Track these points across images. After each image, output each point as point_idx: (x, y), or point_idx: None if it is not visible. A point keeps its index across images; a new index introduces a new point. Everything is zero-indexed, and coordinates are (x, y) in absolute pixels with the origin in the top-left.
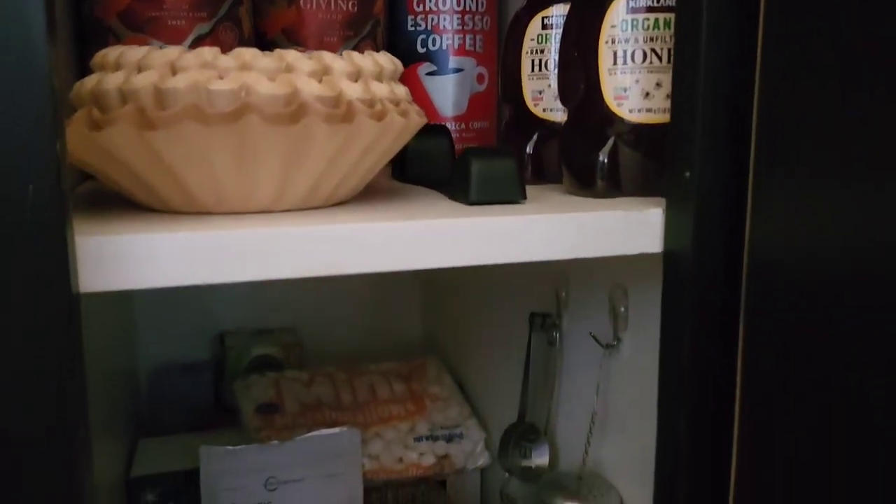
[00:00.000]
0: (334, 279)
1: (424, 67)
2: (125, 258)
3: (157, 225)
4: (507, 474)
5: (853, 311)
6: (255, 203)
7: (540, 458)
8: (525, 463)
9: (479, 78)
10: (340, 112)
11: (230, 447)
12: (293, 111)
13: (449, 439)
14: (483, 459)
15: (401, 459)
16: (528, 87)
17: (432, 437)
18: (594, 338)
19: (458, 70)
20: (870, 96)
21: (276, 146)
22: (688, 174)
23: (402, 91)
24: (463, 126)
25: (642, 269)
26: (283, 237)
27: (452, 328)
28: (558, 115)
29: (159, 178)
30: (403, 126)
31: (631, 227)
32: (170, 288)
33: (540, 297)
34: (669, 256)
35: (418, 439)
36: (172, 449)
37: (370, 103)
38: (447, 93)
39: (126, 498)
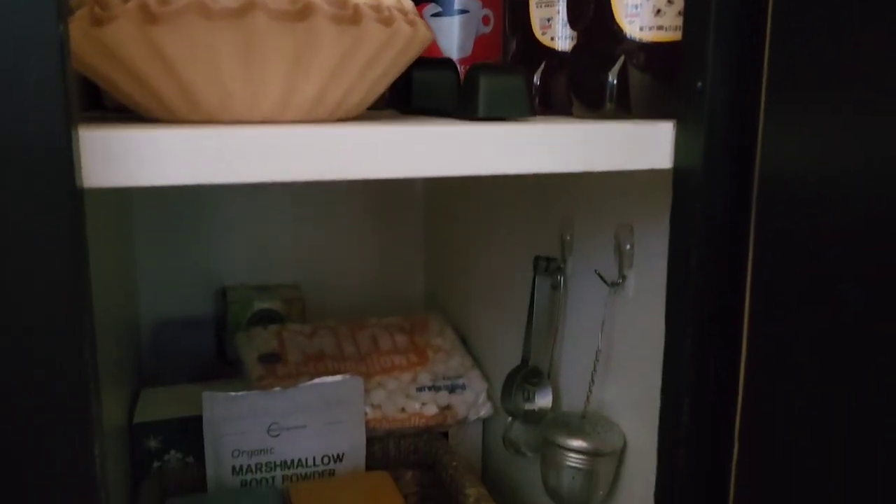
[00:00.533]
0: (338, 236)
1: (429, 9)
2: (129, 154)
3: (162, 127)
4: (509, 419)
5: (865, 233)
6: (260, 111)
7: (543, 401)
8: (528, 406)
9: (485, 20)
10: (347, 14)
11: (233, 393)
12: (300, 9)
13: (451, 390)
14: (485, 410)
15: (403, 409)
16: (536, 14)
17: (435, 388)
18: (599, 276)
19: (463, 11)
20: (888, 12)
21: (282, 46)
22: (700, 84)
23: (409, 4)
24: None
25: (649, 204)
26: (288, 137)
27: (455, 284)
28: (566, 43)
29: (162, 80)
30: (410, 36)
31: (640, 141)
32: (172, 239)
33: (544, 242)
34: (679, 173)
35: (421, 389)
36: (175, 398)
37: (377, 9)
38: (452, 34)
39: (129, 445)
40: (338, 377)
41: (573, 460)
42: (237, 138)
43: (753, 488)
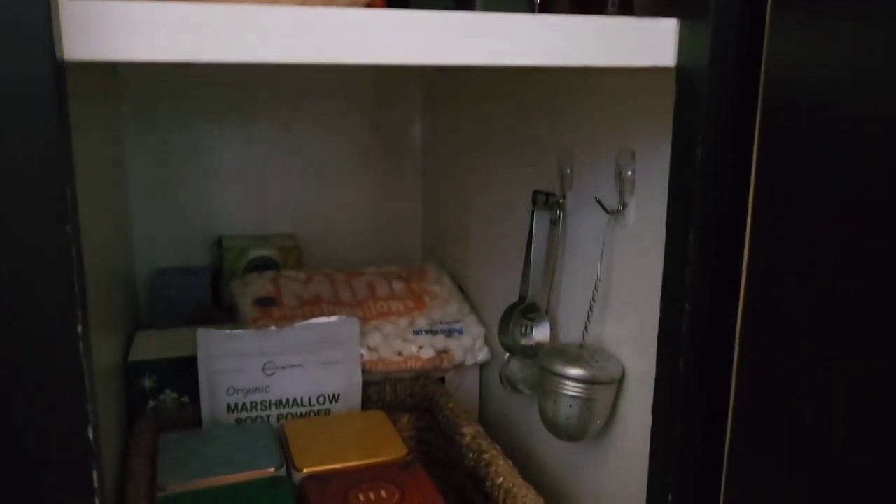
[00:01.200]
0: (335, 186)
1: None
2: (114, 26)
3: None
4: (506, 356)
5: (867, 142)
6: None
7: (540, 335)
8: (525, 342)
9: None
10: None
11: (228, 331)
12: None
13: (448, 334)
14: (482, 355)
15: (400, 353)
16: None
17: (431, 332)
18: (599, 203)
19: None
20: None
21: None
22: None
23: None
24: None
25: (650, 128)
26: (282, 15)
27: (453, 235)
28: None
29: None
30: None
31: (643, 36)
32: (167, 190)
33: (544, 179)
34: (683, 73)
35: (417, 332)
36: (169, 340)
37: None
38: None
39: (124, 384)
40: (333, 317)
41: (571, 389)
42: (231, 12)
43: (753, 392)
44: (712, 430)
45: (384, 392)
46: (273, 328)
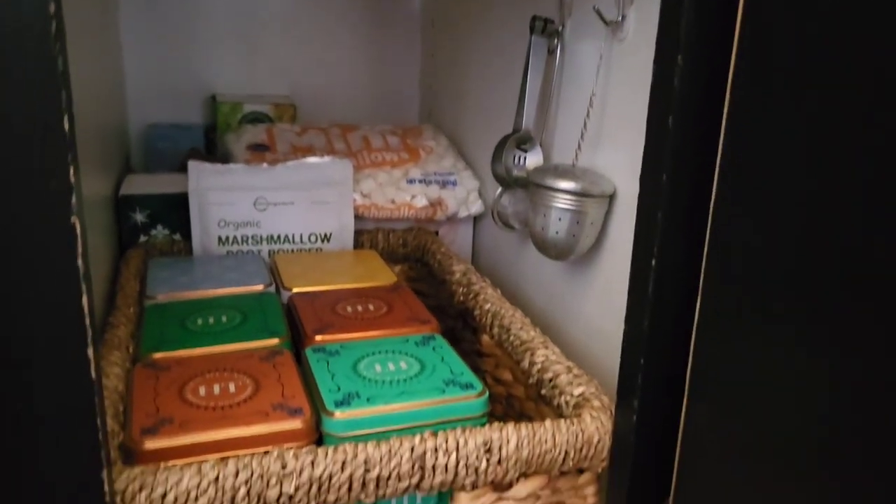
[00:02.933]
0: (332, 47)
1: None
2: None
3: None
4: (498, 191)
5: None
6: None
7: (533, 165)
8: (518, 172)
9: None
10: None
11: (220, 164)
12: None
13: (443, 185)
14: (476, 207)
15: (393, 200)
16: None
17: (426, 181)
18: (598, 13)
19: None
20: None
21: None
22: None
23: None
24: None
25: None
26: None
27: (450, 97)
28: None
29: None
30: None
31: None
32: (161, 47)
33: (542, 10)
34: None
35: (411, 182)
36: (162, 180)
37: None
38: None
39: (115, 218)
40: (326, 158)
41: (561, 201)
42: None
43: (733, 194)
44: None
45: (377, 240)
46: (265, 165)
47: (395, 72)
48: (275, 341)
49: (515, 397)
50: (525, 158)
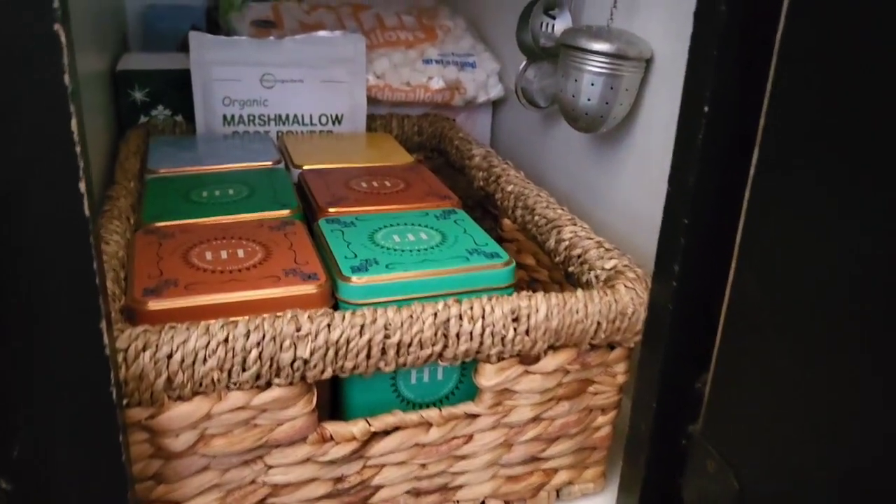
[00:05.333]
0: None
1: None
2: None
3: None
4: (523, 64)
5: None
6: None
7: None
8: (545, 41)
9: None
10: None
11: (222, 36)
12: None
13: (461, 66)
14: (496, 91)
15: (408, 82)
16: None
17: (443, 62)
18: None
19: None
20: None
21: None
22: None
23: None
24: None
25: None
26: None
27: None
28: None
29: None
30: None
31: None
32: None
33: None
34: None
35: (427, 62)
36: (162, 58)
37: None
38: None
39: (112, 95)
40: (338, 32)
41: (594, 64)
42: None
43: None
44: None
45: (390, 126)
46: (271, 38)
47: None
48: (285, 212)
49: (539, 282)
50: (553, 26)
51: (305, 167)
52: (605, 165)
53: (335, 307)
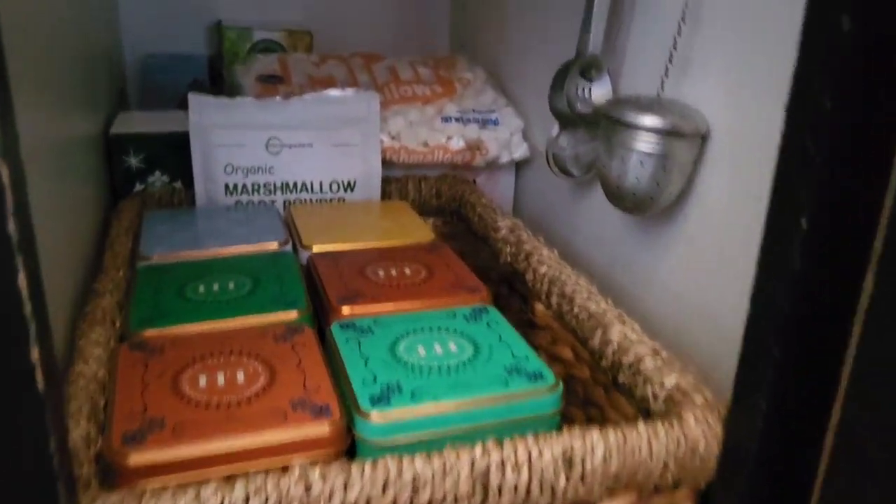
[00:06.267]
0: None
1: None
2: None
3: None
4: (555, 129)
5: None
6: None
7: (601, 98)
8: (582, 106)
9: None
10: None
11: (225, 98)
12: None
13: (482, 124)
14: (520, 151)
15: (426, 142)
16: None
17: (463, 120)
18: None
19: None
20: None
21: None
22: None
23: None
24: None
25: None
26: None
27: (488, 19)
28: None
29: None
30: None
31: None
32: None
33: None
34: None
35: (446, 120)
36: (159, 118)
37: None
38: None
39: (106, 162)
40: (349, 90)
41: (644, 141)
42: None
43: None
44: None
45: (406, 190)
46: (278, 98)
47: None
48: (293, 314)
49: (578, 380)
50: (590, 90)
51: (315, 249)
52: (649, 244)
53: (351, 445)
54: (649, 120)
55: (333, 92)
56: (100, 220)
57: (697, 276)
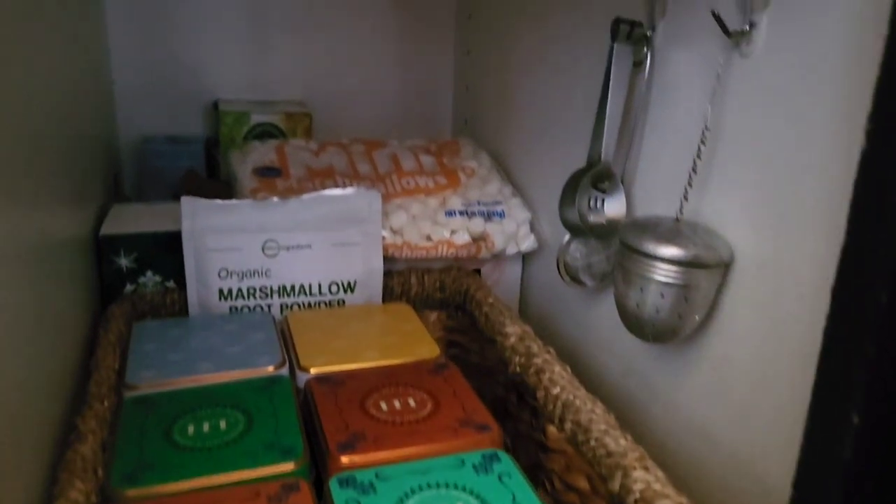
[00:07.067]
0: (352, 45)
1: None
2: None
3: None
4: (566, 237)
5: None
6: None
7: (614, 210)
8: (595, 218)
9: None
10: None
11: (219, 201)
12: None
13: (487, 217)
14: (528, 243)
15: (429, 237)
16: None
17: (467, 213)
18: (717, 18)
19: None
20: None
21: None
22: None
23: None
24: None
25: None
26: None
27: (492, 102)
28: None
29: None
30: None
31: None
32: (153, 49)
33: (622, 3)
34: None
35: (450, 214)
36: (153, 214)
37: None
38: None
39: (96, 262)
40: (350, 189)
41: (664, 273)
42: None
43: None
44: None
45: (409, 284)
46: (275, 199)
47: (426, 69)
48: (289, 466)
49: None
50: (603, 201)
51: (314, 371)
52: (669, 365)
53: None
54: (670, 251)
55: (333, 191)
56: (86, 327)
57: (725, 406)
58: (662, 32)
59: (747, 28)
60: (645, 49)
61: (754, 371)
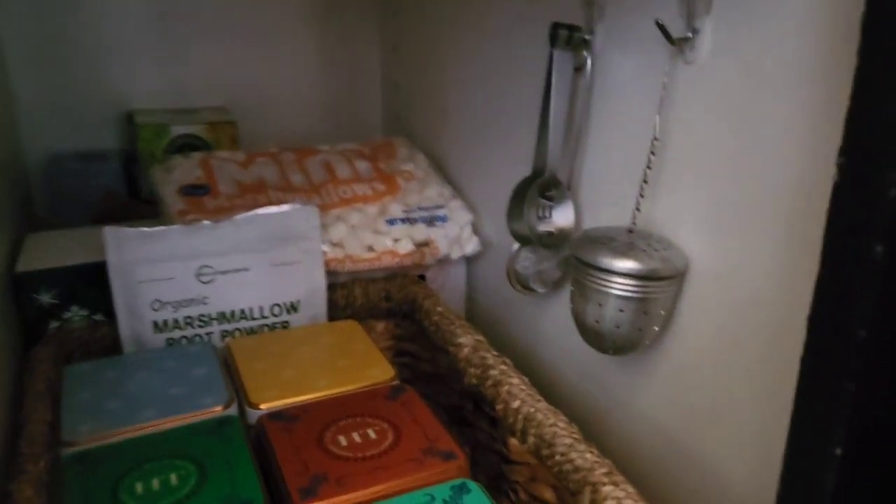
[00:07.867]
0: (274, 48)
1: None
2: None
3: None
4: (515, 246)
5: None
6: None
7: (563, 219)
8: (543, 227)
9: None
10: None
11: (145, 228)
12: None
13: (430, 222)
14: (472, 246)
15: (371, 247)
16: None
17: (409, 220)
18: (661, 27)
19: None
20: None
21: None
22: None
23: None
24: None
25: None
26: None
27: (424, 98)
28: None
29: None
30: None
31: None
32: (55, 56)
33: (562, 8)
34: None
35: (391, 222)
36: (73, 242)
37: None
38: None
39: (14, 301)
40: (285, 206)
41: (622, 288)
42: None
43: None
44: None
45: (353, 296)
46: (206, 223)
47: (351, 70)
48: None
49: None
50: (551, 210)
51: (264, 407)
52: (625, 369)
53: None
54: (627, 264)
55: (268, 209)
56: (10, 374)
57: (683, 412)
58: (603, 36)
59: (690, 35)
60: (584, 54)
61: (714, 377)
